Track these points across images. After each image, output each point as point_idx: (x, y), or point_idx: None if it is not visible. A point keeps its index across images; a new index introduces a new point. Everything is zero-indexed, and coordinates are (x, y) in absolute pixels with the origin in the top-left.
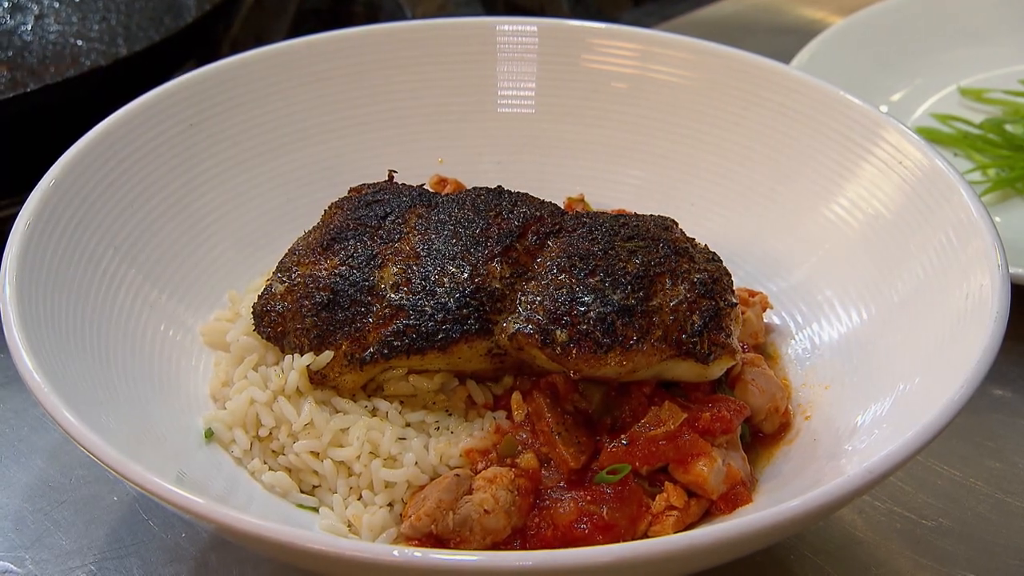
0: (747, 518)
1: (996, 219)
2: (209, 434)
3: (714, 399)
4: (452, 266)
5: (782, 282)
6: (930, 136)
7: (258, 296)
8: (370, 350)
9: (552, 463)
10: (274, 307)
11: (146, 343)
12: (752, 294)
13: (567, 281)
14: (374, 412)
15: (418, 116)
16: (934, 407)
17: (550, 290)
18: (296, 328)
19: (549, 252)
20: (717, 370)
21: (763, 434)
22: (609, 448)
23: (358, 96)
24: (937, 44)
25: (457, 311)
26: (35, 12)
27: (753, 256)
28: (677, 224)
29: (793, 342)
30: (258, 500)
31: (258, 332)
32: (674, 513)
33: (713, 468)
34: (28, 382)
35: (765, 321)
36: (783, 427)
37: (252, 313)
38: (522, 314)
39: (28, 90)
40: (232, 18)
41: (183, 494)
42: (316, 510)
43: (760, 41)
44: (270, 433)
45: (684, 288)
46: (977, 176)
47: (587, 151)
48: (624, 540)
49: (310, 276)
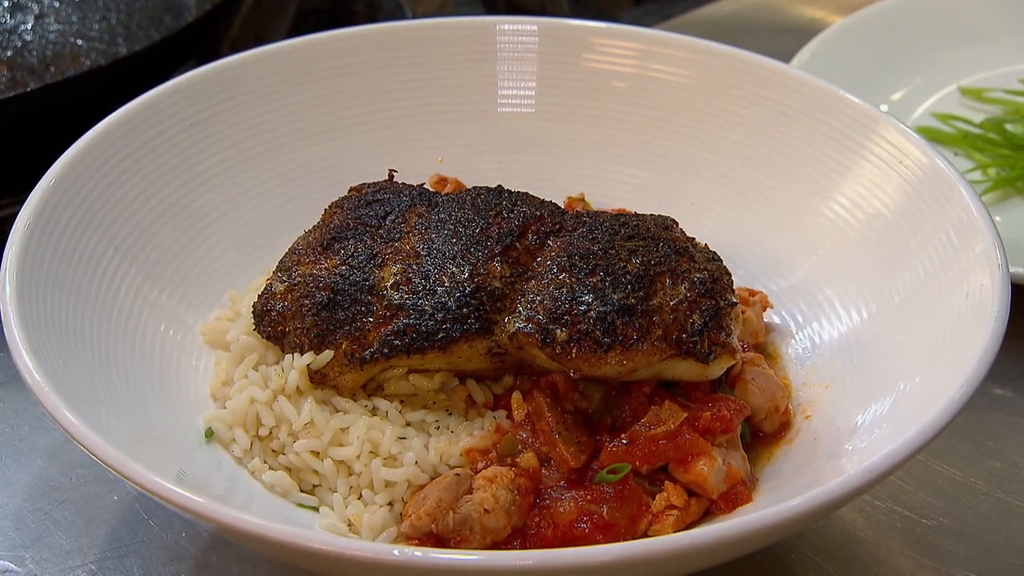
0: (747, 517)
1: (996, 218)
2: (209, 433)
3: (714, 398)
4: (452, 265)
5: (782, 281)
6: (930, 135)
7: (258, 295)
8: (370, 349)
9: (552, 462)
10: (274, 306)
11: (146, 342)
12: (752, 293)
13: (567, 280)
14: (374, 411)
15: (418, 116)
16: (934, 406)
17: (550, 289)
18: (296, 327)
19: (549, 251)
20: (717, 369)
21: (763, 433)
22: (609, 447)
23: (358, 96)
24: (937, 43)
25: (457, 310)
26: (35, 11)
27: (753, 255)
28: (677, 223)
29: (793, 341)
30: (258, 499)
31: (258, 331)
32: (674, 512)
33: (713, 467)
34: (28, 381)
35: (765, 320)
36: (783, 426)
37: (252, 312)
38: (522, 313)
39: (28, 90)
40: (232, 18)
41: (183, 493)
42: (316, 509)
43: (760, 40)
44: (270, 432)
45: (684, 287)
46: (977, 175)
47: (587, 150)
48: (624, 539)
49: (310, 275)
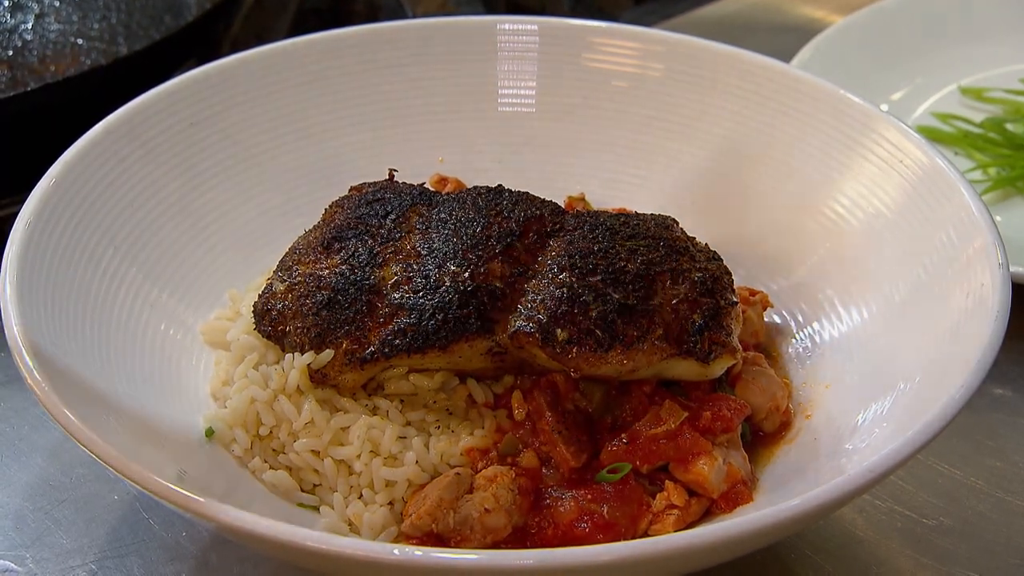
0: (748, 517)
1: (997, 218)
2: (210, 433)
3: (714, 398)
4: (453, 265)
5: (783, 281)
6: (931, 135)
7: (259, 295)
8: (371, 349)
9: (553, 462)
10: (275, 306)
11: (147, 342)
12: (753, 293)
13: (568, 280)
14: (375, 411)
15: (418, 115)
16: (935, 406)
17: (551, 289)
18: (297, 327)
19: (550, 251)
20: (718, 369)
21: (764, 433)
22: (610, 447)
23: (358, 95)
24: (937, 43)
25: (458, 310)
26: (36, 11)
27: (754, 255)
28: (677, 223)
29: (794, 341)
30: (259, 499)
31: (259, 331)
32: (675, 512)
33: (714, 467)
34: (28, 381)
35: (766, 320)
36: (784, 426)
37: (253, 312)
38: (523, 313)
39: (28, 89)
40: (232, 17)
41: (184, 493)
42: (317, 509)
43: (761, 40)
44: (271, 432)
45: (685, 287)
46: (978, 175)
47: (588, 150)
48: (625, 539)
49: (311, 275)
